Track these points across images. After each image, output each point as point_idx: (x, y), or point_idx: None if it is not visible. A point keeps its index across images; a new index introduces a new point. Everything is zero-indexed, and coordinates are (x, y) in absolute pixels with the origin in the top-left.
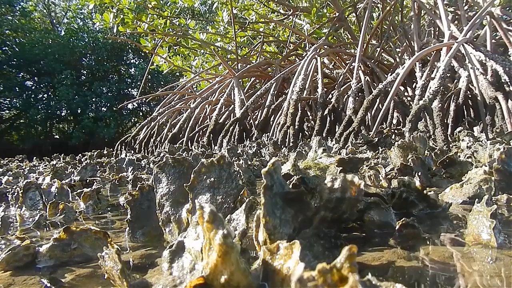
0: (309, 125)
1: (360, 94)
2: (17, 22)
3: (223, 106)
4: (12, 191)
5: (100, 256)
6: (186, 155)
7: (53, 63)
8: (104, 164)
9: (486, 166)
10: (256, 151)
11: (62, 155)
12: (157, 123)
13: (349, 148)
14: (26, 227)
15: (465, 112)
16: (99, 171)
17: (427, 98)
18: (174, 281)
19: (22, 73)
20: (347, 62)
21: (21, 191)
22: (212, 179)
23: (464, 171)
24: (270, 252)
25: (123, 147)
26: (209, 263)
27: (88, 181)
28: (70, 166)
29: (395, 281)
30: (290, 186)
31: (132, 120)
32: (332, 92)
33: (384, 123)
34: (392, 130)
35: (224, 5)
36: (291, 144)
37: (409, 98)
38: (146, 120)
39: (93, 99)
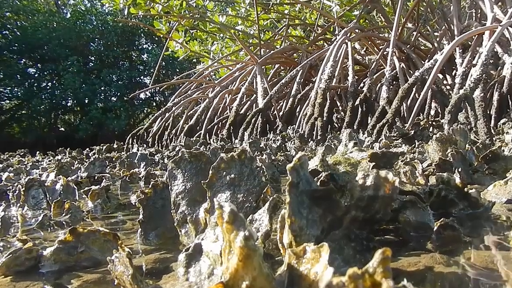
0: (338, 116)
1: (394, 82)
2: (18, 3)
3: (245, 96)
4: (13, 189)
5: (109, 260)
6: (204, 149)
7: (58, 49)
8: (114, 159)
9: None
10: (280, 145)
11: (68, 149)
12: (172, 114)
13: (382, 141)
14: (28, 228)
15: (510, 102)
16: (108, 167)
17: (468, 87)
18: None
19: (24, 60)
20: (380, 47)
21: (23, 188)
22: (233, 175)
23: (509, 167)
24: (296, 255)
25: (134, 140)
26: (229, 268)
27: (96, 177)
28: (76, 162)
29: None
30: (318, 183)
31: (145, 111)
32: (363, 80)
33: (421, 114)
34: (430, 122)
35: None
36: (319, 137)
37: (448, 87)
38: (160, 111)
39: (102, 88)
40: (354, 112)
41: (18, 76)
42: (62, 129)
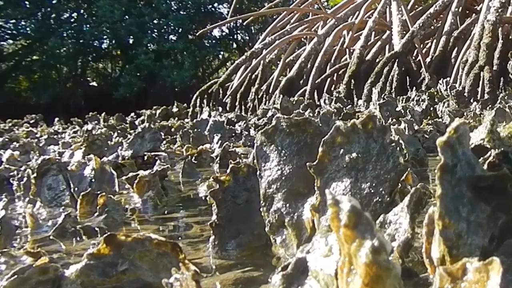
0: None
1: None
2: None
3: (373, 33)
4: (19, 176)
5: (166, 284)
6: (311, 114)
7: None
8: (172, 129)
9: None
10: (427, 107)
11: (102, 114)
12: (262, 62)
13: None
14: (42, 235)
15: None
16: (164, 142)
17: None
18: None
19: None
20: None
21: (34, 175)
22: (354, 155)
23: None
24: (452, 276)
25: (204, 101)
26: None
27: (146, 158)
28: (116, 134)
29: None
30: (485, 166)
31: (220, 57)
32: None
33: None
34: None
35: None
36: (486, 95)
37: None
38: (244, 57)
39: (155, 22)
40: None
41: (26, 3)
42: (94, 83)
